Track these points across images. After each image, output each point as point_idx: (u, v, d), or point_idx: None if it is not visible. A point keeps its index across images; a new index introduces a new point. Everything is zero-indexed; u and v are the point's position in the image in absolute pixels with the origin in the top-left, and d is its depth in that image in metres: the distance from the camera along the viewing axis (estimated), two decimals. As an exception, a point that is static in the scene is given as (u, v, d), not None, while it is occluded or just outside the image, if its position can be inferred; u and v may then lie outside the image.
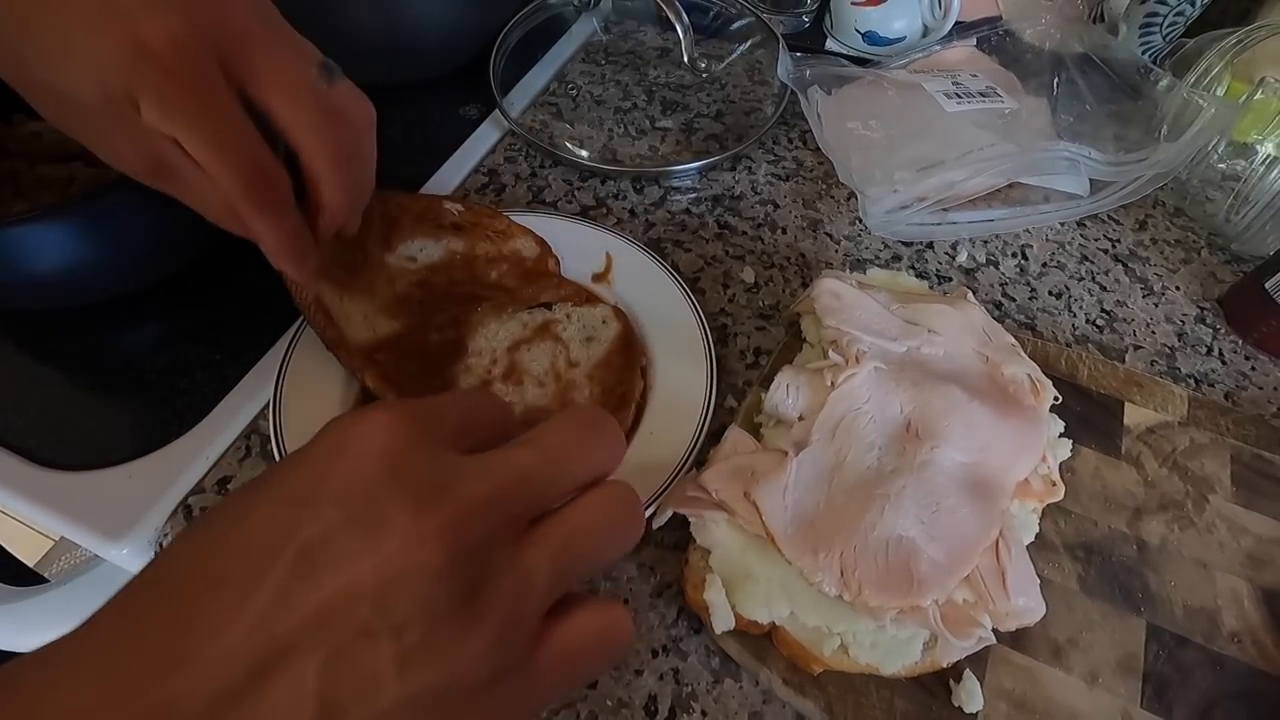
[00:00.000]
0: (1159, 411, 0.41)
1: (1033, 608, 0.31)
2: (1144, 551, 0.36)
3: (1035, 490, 0.34)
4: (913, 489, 0.32)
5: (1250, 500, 0.38)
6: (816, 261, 0.50)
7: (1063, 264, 0.52)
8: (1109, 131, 0.56)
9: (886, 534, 0.30)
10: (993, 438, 0.34)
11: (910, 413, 0.34)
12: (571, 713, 0.31)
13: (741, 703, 0.32)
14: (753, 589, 0.31)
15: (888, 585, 0.29)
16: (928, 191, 0.50)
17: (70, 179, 0.44)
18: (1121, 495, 0.38)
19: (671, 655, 0.33)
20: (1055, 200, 0.55)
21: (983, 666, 0.32)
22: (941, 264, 0.51)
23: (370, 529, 0.18)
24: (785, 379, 0.35)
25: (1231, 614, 0.34)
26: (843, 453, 0.33)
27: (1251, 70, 0.55)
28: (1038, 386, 0.37)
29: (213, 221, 0.32)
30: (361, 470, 0.19)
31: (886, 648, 0.30)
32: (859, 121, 0.54)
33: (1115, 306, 0.50)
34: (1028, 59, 0.62)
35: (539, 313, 0.41)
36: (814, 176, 0.57)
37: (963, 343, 0.38)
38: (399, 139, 0.55)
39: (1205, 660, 0.33)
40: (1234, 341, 0.49)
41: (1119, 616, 0.34)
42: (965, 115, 0.55)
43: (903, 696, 0.31)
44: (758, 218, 0.53)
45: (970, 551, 0.30)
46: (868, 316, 0.38)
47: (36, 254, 0.37)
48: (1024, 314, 0.49)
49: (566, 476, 0.22)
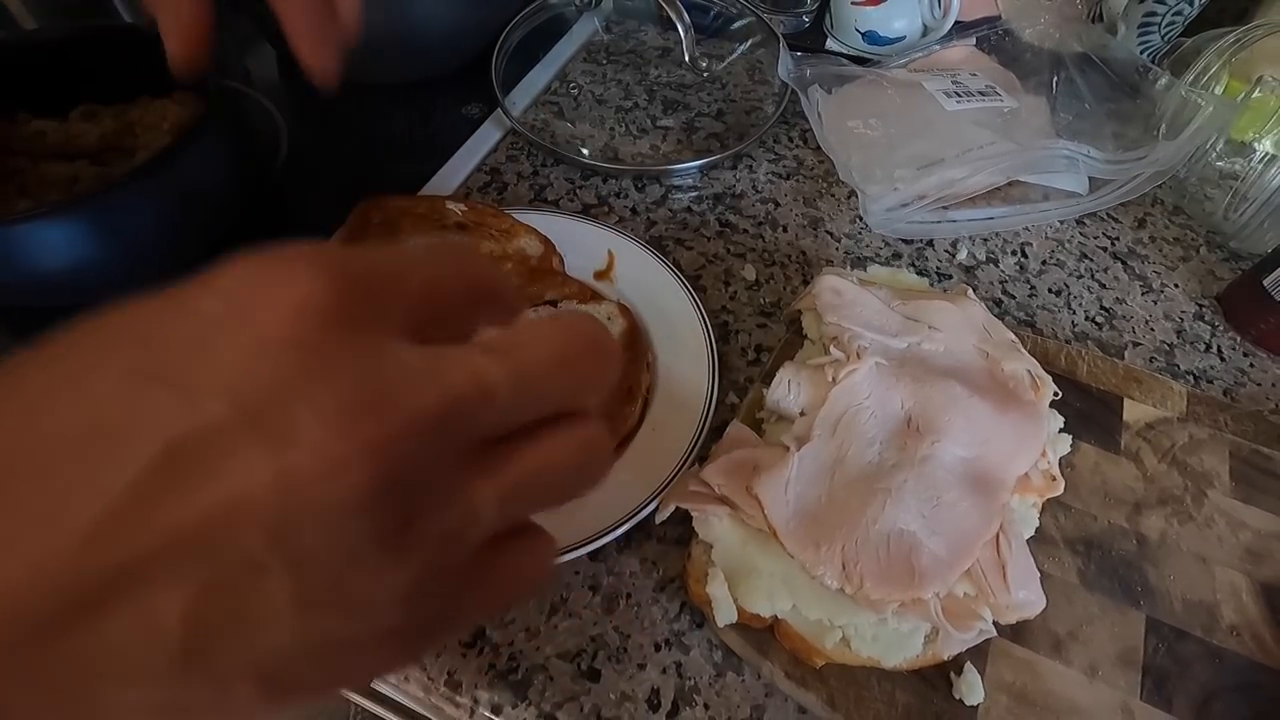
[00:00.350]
0: (1158, 407, 0.41)
1: (1033, 601, 0.31)
2: (1143, 546, 0.36)
3: (1035, 485, 0.35)
4: (914, 483, 0.32)
5: (1249, 495, 0.38)
6: (817, 259, 0.50)
7: (1062, 261, 0.53)
8: (1108, 130, 0.57)
9: (888, 528, 0.30)
10: (993, 433, 0.34)
11: (911, 408, 0.34)
12: (575, 706, 0.31)
13: (744, 696, 0.32)
14: (755, 583, 0.31)
15: (889, 578, 0.29)
16: (928, 189, 0.50)
17: (75, 177, 0.44)
18: (1121, 490, 0.38)
19: (674, 649, 0.33)
20: (1054, 198, 0.55)
21: (983, 659, 0.32)
22: (942, 262, 0.52)
23: (271, 438, 0.13)
24: (787, 375, 0.36)
25: (1230, 608, 0.34)
26: (844, 448, 0.33)
27: (1249, 69, 0.55)
28: (1037, 382, 0.37)
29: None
30: (267, 352, 0.14)
31: (888, 641, 0.30)
32: (859, 120, 0.55)
33: (1114, 304, 0.50)
34: (1027, 58, 0.62)
35: (544, 310, 0.41)
36: (814, 175, 0.57)
37: (963, 339, 0.38)
38: (401, 137, 0.55)
39: (1204, 653, 0.33)
40: (1232, 338, 0.49)
41: (1118, 610, 0.34)
42: (965, 114, 0.55)
43: (904, 689, 0.31)
44: (759, 216, 0.53)
45: (971, 545, 0.31)
46: (868, 313, 0.38)
47: (40, 252, 0.37)
48: (1024, 311, 0.49)
49: (539, 401, 0.17)
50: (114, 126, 0.47)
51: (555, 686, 0.32)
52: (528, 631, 0.33)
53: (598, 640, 0.33)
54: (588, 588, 0.35)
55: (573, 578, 0.35)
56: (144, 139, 0.46)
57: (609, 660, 0.33)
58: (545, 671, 0.32)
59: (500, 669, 0.32)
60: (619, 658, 0.33)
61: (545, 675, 0.32)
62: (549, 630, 0.33)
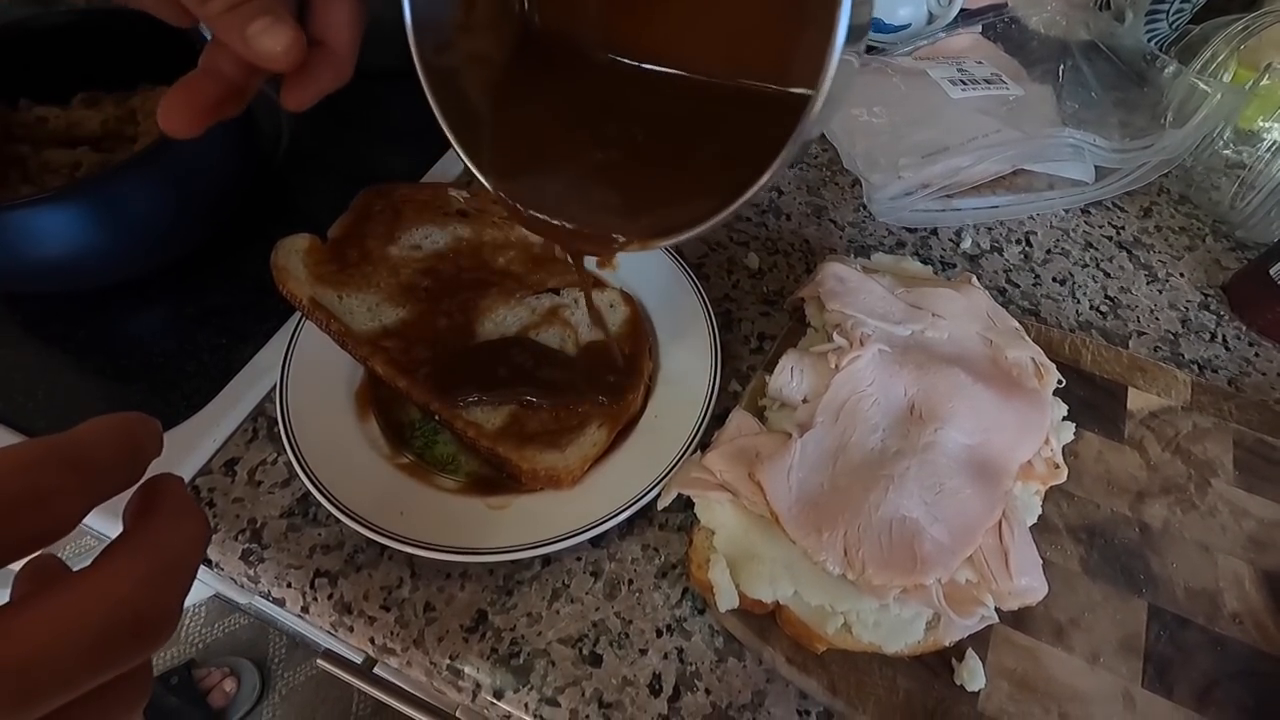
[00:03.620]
0: (1162, 396, 0.41)
1: (1035, 587, 0.31)
2: (1146, 534, 0.36)
3: (1038, 472, 0.34)
4: (916, 470, 0.32)
5: (1252, 484, 0.38)
6: (821, 248, 0.50)
7: (1067, 251, 0.52)
8: (1114, 118, 0.56)
9: (890, 514, 0.30)
10: (996, 420, 0.34)
11: (914, 395, 0.34)
12: (577, 690, 0.32)
13: (745, 681, 0.32)
14: (757, 569, 0.31)
15: (891, 564, 0.29)
16: (932, 178, 0.50)
17: (77, 164, 0.44)
18: (1124, 479, 0.38)
19: (676, 635, 0.33)
20: (1060, 187, 0.55)
21: (985, 646, 0.32)
22: (946, 250, 0.51)
23: None
24: (789, 362, 0.36)
25: (1233, 595, 0.34)
26: (847, 434, 0.33)
27: (1258, 57, 0.55)
28: (1041, 370, 0.37)
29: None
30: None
31: (890, 627, 0.30)
32: (864, 108, 0.54)
33: (1119, 293, 0.50)
34: (1033, 46, 0.62)
35: (547, 298, 0.41)
36: (819, 163, 0.57)
37: (966, 326, 0.38)
38: (402, 126, 0.55)
39: (1206, 641, 0.33)
40: (1238, 328, 0.49)
41: (1121, 597, 0.34)
42: (970, 102, 0.55)
43: (905, 675, 0.31)
44: (762, 204, 0.53)
45: (973, 532, 0.31)
46: (872, 300, 0.38)
47: (43, 237, 0.37)
48: (1028, 300, 0.49)
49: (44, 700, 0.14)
50: (116, 113, 0.47)
51: (557, 671, 0.32)
52: (530, 617, 0.33)
53: (599, 626, 0.33)
54: (590, 574, 0.35)
55: (575, 564, 0.35)
56: (145, 126, 0.46)
57: (611, 645, 0.33)
58: (547, 656, 0.32)
59: (502, 654, 0.32)
60: (621, 643, 0.33)
61: (547, 660, 0.32)
62: (551, 615, 0.33)
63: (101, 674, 0.15)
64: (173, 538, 0.18)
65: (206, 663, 1.16)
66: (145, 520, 0.18)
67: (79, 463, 0.17)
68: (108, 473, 0.17)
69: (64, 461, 0.16)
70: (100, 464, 0.17)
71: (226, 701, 1.12)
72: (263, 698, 1.16)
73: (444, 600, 0.34)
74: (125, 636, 0.15)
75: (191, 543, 0.18)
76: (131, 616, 0.16)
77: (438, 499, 0.35)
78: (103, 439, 0.18)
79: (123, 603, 0.16)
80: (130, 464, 0.18)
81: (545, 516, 0.34)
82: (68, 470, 0.16)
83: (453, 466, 0.37)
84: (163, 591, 0.17)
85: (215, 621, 1.25)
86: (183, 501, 0.19)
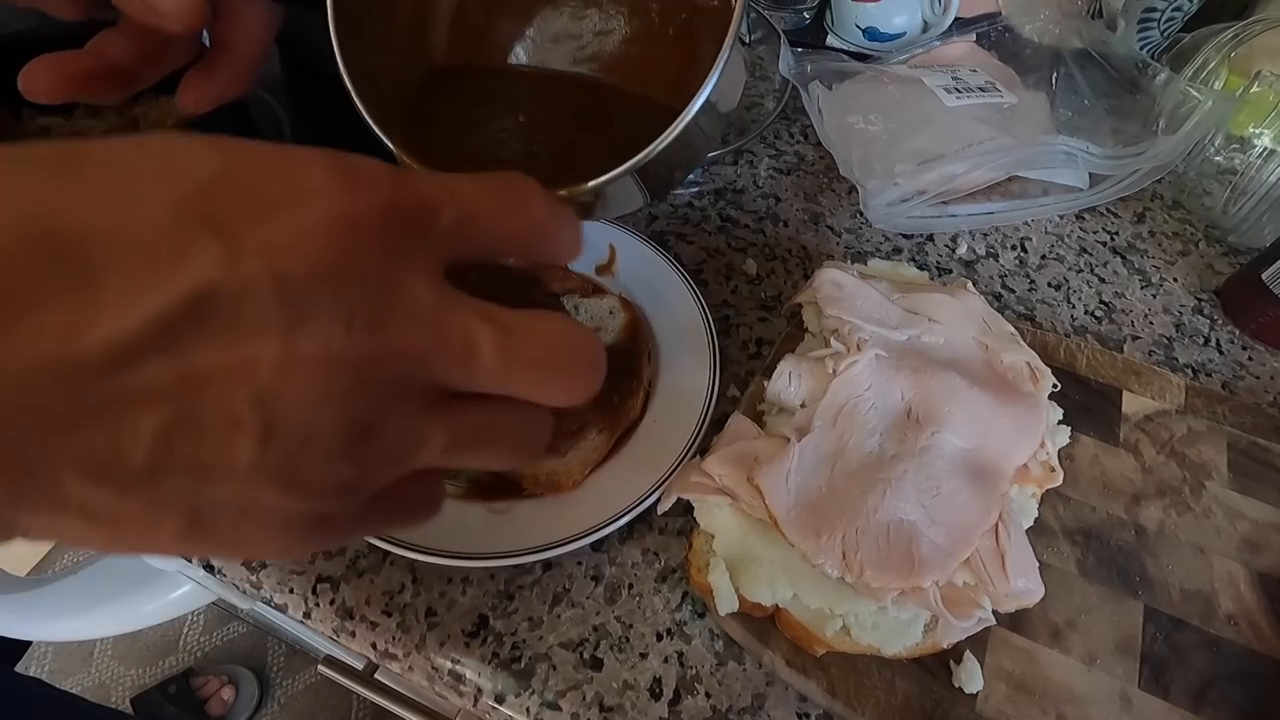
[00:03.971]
0: (1157, 400, 0.42)
1: (1031, 590, 0.31)
2: (1142, 536, 0.36)
3: (1034, 475, 0.35)
4: (913, 473, 0.32)
5: (1247, 486, 0.39)
6: (818, 254, 0.51)
7: (1061, 256, 0.53)
8: (1107, 126, 0.57)
9: (888, 517, 0.31)
10: (992, 423, 0.34)
11: (911, 399, 0.35)
12: (578, 694, 0.32)
13: (745, 685, 0.33)
14: (756, 572, 0.31)
15: (889, 567, 0.30)
16: (928, 185, 0.51)
17: (80, 173, 0.44)
18: (1120, 481, 0.38)
19: (676, 639, 0.34)
20: (1054, 193, 0.56)
21: (983, 648, 0.32)
22: (942, 256, 0.52)
23: (290, 319, 0.15)
24: (787, 367, 0.36)
25: (1228, 597, 0.35)
26: (844, 438, 0.33)
27: (1249, 64, 0.55)
28: (1036, 374, 0.37)
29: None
30: (314, 243, 0.15)
31: (888, 629, 0.31)
32: (860, 116, 0.55)
33: (1114, 298, 0.51)
34: (1027, 54, 0.63)
35: (592, 303, 0.41)
36: (815, 170, 0.57)
37: (962, 331, 0.38)
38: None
39: (1202, 642, 0.33)
40: (1231, 332, 0.49)
41: (1117, 599, 0.34)
42: (965, 110, 0.55)
43: (904, 677, 0.31)
44: (760, 211, 0.53)
45: (970, 534, 0.31)
46: (869, 305, 0.38)
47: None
48: (1023, 305, 0.49)
49: (510, 387, 0.18)
50: (118, 123, 0.47)
51: (558, 675, 0.32)
52: (530, 621, 0.34)
53: (600, 630, 0.34)
54: (590, 578, 0.35)
55: (576, 568, 0.35)
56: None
57: (611, 649, 0.33)
58: (548, 660, 0.33)
59: (504, 658, 0.33)
60: (621, 647, 0.33)
61: (548, 664, 0.32)
62: (552, 620, 0.34)
63: (543, 389, 0.19)
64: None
65: (204, 671, 1.16)
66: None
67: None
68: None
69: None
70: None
71: (224, 710, 1.11)
72: (261, 706, 1.16)
73: (445, 605, 0.34)
74: (573, 371, 0.19)
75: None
76: (585, 362, 0.19)
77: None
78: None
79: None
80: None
81: (546, 521, 0.34)
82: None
83: (454, 472, 0.37)
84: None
85: (214, 630, 1.25)
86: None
